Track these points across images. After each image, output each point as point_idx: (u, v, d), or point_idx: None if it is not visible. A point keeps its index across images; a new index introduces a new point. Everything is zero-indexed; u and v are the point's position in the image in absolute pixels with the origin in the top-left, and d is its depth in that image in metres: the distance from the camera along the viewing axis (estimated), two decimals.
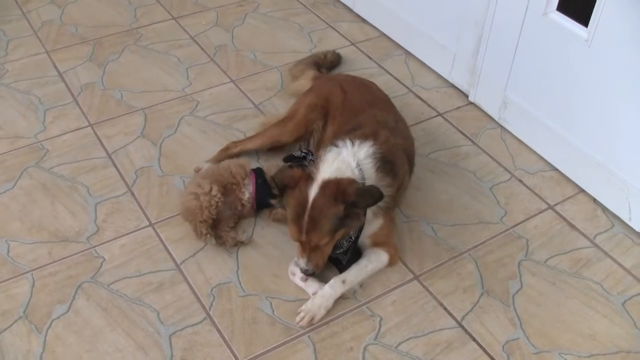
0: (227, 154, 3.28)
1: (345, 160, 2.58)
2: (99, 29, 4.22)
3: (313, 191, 2.49)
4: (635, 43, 2.78)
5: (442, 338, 2.64)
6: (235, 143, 3.32)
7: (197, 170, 3.18)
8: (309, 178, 2.53)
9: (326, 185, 2.50)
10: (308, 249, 2.59)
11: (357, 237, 2.76)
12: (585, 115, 3.12)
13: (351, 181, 2.53)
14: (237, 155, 3.28)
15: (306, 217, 2.49)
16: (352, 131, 2.83)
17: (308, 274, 2.66)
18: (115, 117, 3.56)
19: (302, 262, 2.62)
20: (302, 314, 2.64)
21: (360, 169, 2.60)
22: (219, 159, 3.25)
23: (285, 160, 2.96)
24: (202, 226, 2.83)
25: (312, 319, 2.64)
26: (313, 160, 2.73)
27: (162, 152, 3.35)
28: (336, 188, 2.49)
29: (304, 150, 2.95)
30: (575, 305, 2.77)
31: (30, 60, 3.95)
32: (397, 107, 3.27)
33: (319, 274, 2.71)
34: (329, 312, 2.68)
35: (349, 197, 2.49)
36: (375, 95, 3.23)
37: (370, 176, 2.63)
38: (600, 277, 2.89)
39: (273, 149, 3.30)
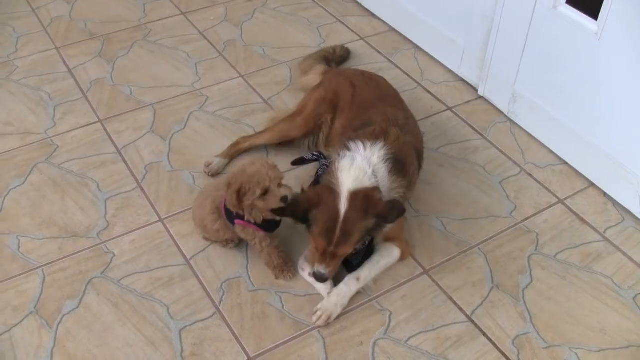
0: (237, 149, 3.28)
1: (362, 167, 2.58)
2: (108, 24, 4.23)
3: (343, 204, 2.49)
4: None
5: (452, 332, 2.64)
6: (245, 138, 3.32)
7: (208, 165, 3.19)
8: (332, 191, 2.52)
9: (354, 197, 2.50)
10: (329, 258, 2.57)
11: (371, 242, 2.76)
12: (596, 109, 3.10)
13: (376, 191, 2.55)
14: (247, 150, 3.29)
15: (338, 231, 2.49)
16: (362, 127, 2.83)
17: (323, 279, 2.63)
18: (125, 113, 3.56)
19: (321, 269, 2.58)
20: (319, 313, 2.63)
21: (375, 175, 2.60)
22: (229, 154, 3.26)
23: (295, 163, 2.95)
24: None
25: (329, 318, 2.63)
26: (327, 165, 2.71)
27: (172, 148, 3.35)
28: (366, 200, 2.50)
29: (314, 153, 2.94)
30: (585, 300, 2.76)
31: (39, 56, 3.96)
32: (407, 101, 3.26)
33: None
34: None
35: (380, 211, 2.51)
36: (385, 91, 3.22)
37: (384, 179, 2.63)
38: (611, 271, 2.88)
39: (282, 143, 3.30)
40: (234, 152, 3.28)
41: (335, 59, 3.81)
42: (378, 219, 2.53)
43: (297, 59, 3.91)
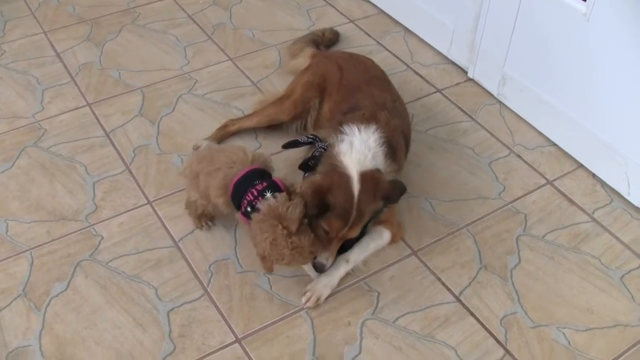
0: (225, 131, 3.28)
1: (361, 150, 2.58)
2: (96, 8, 4.20)
3: (355, 186, 2.49)
4: (633, 17, 2.76)
5: (440, 313, 2.65)
6: (233, 121, 3.32)
7: (196, 148, 3.18)
8: (342, 174, 2.52)
9: (364, 178, 2.51)
10: (337, 243, 2.58)
11: (366, 224, 2.76)
12: (585, 91, 3.10)
13: (381, 173, 2.57)
14: (235, 133, 3.28)
15: (354, 213, 2.49)
16: (350, 111, 2.83)
17: (324, 270, 2.62)
18: (113, 97, 3.55)
19: (323, 259, 2.58)
20: (308, 294, 2.64)
21: (375, 159, 2.61)
22: (217, 136, 3.26)
23: (287, 146, 2.94)
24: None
25: (318, 299, 2.64)
26: (323, 149, 2.71)
27: (160, 131, 3.35)
28: (374, 182, 2.51)
29: (309, 136, 2.93)
30: (573, 280, 2.77)
31: (27, 40, 3.94)
32: (396, 84, 3.26)
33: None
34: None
35: (386, 193, 2.54)
36: (372, 73, 3.21)
37: (380, 163, 2.64)
38: (599, 252, 2.89)
39: (270, 126, 3.30)
40: (222, 135, 3.27)
41: (324, 42, 3.79)
42: (384, 200, 2.55)
43: (287, 42, 3.89)
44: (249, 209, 2.51)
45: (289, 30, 4.04)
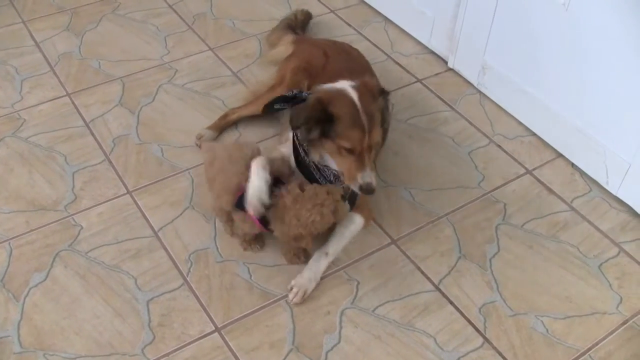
0: (226, 121, 3.30)
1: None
2: None
3: (352, 93, 2.53)
4: (611, 5, 2.77)
5: (420, 301, 2.65)
6: (233, 110, 3.34)
7: (199, 137, 3.19)
8: (334, 89, 2.58)
9: (357, 86, 2.57)
10: (368, 155, 2.55)
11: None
12: (563, 80, 3.12)
13: (367, 77, 2.67)
14: (236, 121, 3.31)
15: (364, 116, 2.50)
16: None
17: (373, 189, 2.54)
18: (93, 86, 3.53)
19: (369, 175, 2.53)
20: (294, 290, 2.63)
21: None
22: (218, 126, 3.27)
23: (268, 106, 2.90)
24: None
25: (304, 294, 2.64)
26: (311, 92, 2.72)
27: (140, 121, 3.33)
28: (365, 85, 2.59)
29: (294, 90, 2.93)
30: (552, 268, 2.79)
31: (6, 30, 3.91)
32: (376, 73, 3.25)
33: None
34: None
35: (380, 87, 2.64)
36: (357, 62, 3.23)
37: None
38: (577, 241, 2.91)
39: (256, 116, 3.28)
40: (224, 124, 3.28)
41: (298, 24, 3.79)
42: (383, 95, 2.62)
43: (267, 31, 3.88)
44: None
45: (269, 20, 4.02)
